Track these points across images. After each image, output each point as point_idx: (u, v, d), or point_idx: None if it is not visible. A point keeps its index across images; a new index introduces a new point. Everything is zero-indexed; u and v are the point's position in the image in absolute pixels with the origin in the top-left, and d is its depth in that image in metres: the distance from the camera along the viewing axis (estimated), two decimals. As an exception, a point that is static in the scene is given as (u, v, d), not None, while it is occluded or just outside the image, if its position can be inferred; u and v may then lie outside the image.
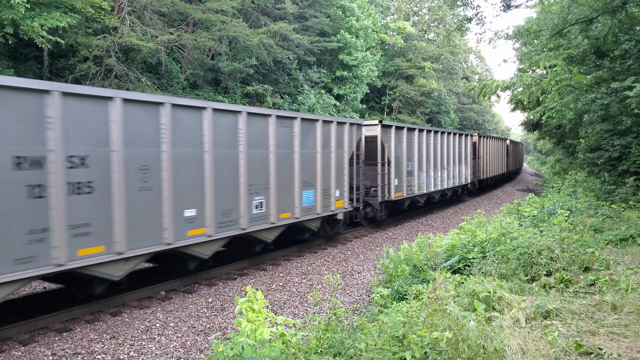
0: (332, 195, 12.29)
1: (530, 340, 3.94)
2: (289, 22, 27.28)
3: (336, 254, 11.92)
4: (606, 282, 5.86)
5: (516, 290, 5.88)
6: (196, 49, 20.98)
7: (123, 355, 6.00)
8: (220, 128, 8.77)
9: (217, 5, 21.07)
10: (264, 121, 9.88)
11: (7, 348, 6.08)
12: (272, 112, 10.07)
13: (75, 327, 6.83)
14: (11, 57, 16.01)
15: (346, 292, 8.91)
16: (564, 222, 8.96)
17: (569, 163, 31.98)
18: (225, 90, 24.28)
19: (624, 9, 11.62)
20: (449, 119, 49.91)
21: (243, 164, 9.31)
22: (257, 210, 9.80)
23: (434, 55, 45.12)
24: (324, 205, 11.96)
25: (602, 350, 3.89)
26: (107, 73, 18.03)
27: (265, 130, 9.92)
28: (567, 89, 10.84)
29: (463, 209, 21.94)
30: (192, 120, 8.25)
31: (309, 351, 3.91)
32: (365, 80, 34.11)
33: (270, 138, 10.01)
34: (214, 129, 8.56)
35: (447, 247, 8.47)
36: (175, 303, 7.98)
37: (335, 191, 12.38)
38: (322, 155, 11.79)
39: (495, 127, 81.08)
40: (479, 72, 67.63)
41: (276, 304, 8.11)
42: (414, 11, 50.23)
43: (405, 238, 14.32)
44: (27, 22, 13.30)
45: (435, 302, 4.42)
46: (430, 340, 3.56)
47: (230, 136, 9.02)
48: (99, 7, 16.53)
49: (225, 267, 9.92)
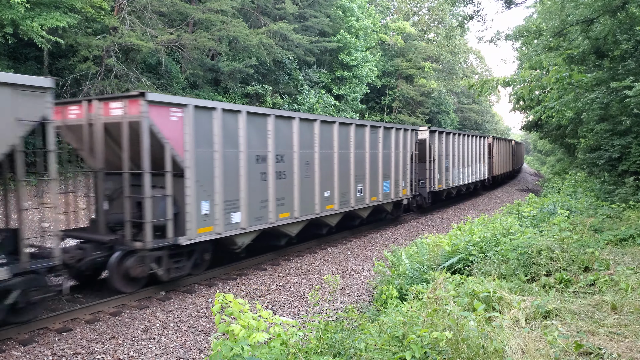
0: (400, 185, 16.00)
1: (530, 340, 3.94)
2: (288, 22, 27.27)
3: (336, 254, 11.92)
4: (606, 282, 5.85)
5: (516, 290, 5.88)
6: (196, 49, 20.97)
7: (123, 355, 6.00)
8: (343, 136, 12.86)
9: (217, 5, 21.06)
10: (362, 130, 13.80)
11: (7, 348, 6.08)
12: (368, 123, 14.17)
13: (75, 327, 6.83)
14: (11, 57, 16.01)
15: (346, 292, 8.91)
16: (564, 222, 8.94)
17: (569, 163, 31.98)
18: (225, 90, 24.28)
19: (624, 9, 11.63)
20: (448, 119, 49.87)
21: (352, 161, 13.22)
22: (358, 194, 13.64)
23: (434, 55, 45.09)
24: (395, 192, 15.74)
25: (602, 350, 3.89)
26: (107, 73, 18.03)
27: (363, 137, 13.82)
28: (567, 87, 10.84)
29: (471, 205, 21.94)
30: (328, 131, 12.28)
31: (309, 351, 3.90)
32: (365, 80, 34.09)
33: (366, 142, 13.90)
34: (339, 136, 12.62)
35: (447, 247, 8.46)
36: (175, 303, 7.98)
37: (402, 182, 16.11)
38: (395, 154, 15.59)
39: (495, 127, 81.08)
40: (479, 72, 67.58)
41: (276, 304, 8.11)
42: (414, 11, 50.22)
43: (405, 238, 14.32)
44: (26, 22, 13.30)
45: (435, 302, 4.41)
46: (430, 340, 3.55)
47: (345, 141, 13.01)
48: (98, 7, 16.53)
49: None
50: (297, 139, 10.96)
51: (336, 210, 12.48)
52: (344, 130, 12.88)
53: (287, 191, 10.74)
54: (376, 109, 42.01)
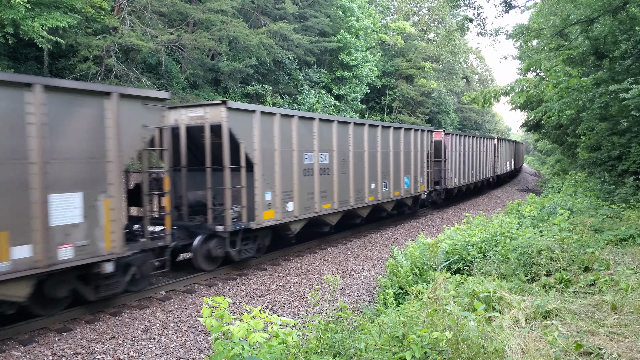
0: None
1: (530, 340, 3.94)
2: (289, 22, 27.28)
3: (336, 254, 11.92)
4: (606, 282, 5.85)
5: (516, 290, 5.88)
6: (196, 49, 20.97)
7: (123, 355, 6.00)
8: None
9: (217, 5, 21.06)
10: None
11: (7, 348, 6.08)
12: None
13: (75, 327, 6.83)
14: (11, 57, 16.01)
15: (346, 292, 8.91)
16: (564, 222, 8.94)
17: (569, 163, 31.96)
18: (225, 90, 24.28)
19: (624, 9, 11.62)
20: (448, 119, 49.86)
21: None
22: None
23: (434, 55, 45.09)
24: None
25: (602, 350, 3.89)
26: (107, 73, 18.04)
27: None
28: (565, 91, 10.85)
29: (471, 205, 21.94)
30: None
31: (309, 351, 3.90)
32: (365, 80, 34.09)
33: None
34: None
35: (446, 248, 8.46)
36: (175, 303, 7.98)
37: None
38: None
39: (495, 127, 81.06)
40: (479, 72, 67.62)
41: (276, 304, 8.11)
42: (414, 11, 50.21)
43: (405, 238, 14.32)
44: (27, 22, 13.31)
45: (435, 302, 4.42)
46: (430, 340, 3.55)
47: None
48: (99, 7, 16.53)
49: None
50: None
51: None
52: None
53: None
54: (376, 109, 42.00)
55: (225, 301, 3.36)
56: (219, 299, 3.35)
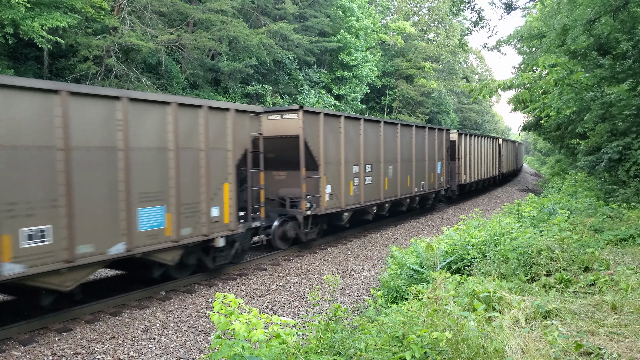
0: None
1: (530, 340, 3.94)
2: (289, 22, 27.28)
3: (336, 254, 11.92)
4: (606, 282, 5.85)
5: (516, 290, 5.87)
6: (196, 49, 20.97)
7: (123, 355, 6.00)
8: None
9: (217, 5, 21.06)
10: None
11: (7, 348, 6.08)
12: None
13: (75, 327, 6.83)
14: (11, 57, 16.01)
15: (346, 292, 8.91)
16: (564, 222, 8.94)
17: (569, 163, 31.95)
18: (225, 90, 24.28)
19: (625, 9, 11.60)
20: (449, 119, 49.87)
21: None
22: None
23: (434, 55, 45.09)
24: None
25: (602, 350, 3.89)
26: (107, 73, 18.03)
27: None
28: (566, 88, 10.81)
29: (471, 205, 21.94)
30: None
31: (309, 351, 3.90)
32: (365, 80, 34.08)
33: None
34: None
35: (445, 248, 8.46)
36: (175, 303, 7.98)
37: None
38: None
39: (495, 127, 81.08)
40: (479, 72, 67.57)
41: (276, 304, 8.11)
42: (414, 11, 50.20)
43: (405, 238, 14.32)
44: (27, 22, 13.30)
45: (435, 302, 4.41)
46: (430, 340, 3.55)
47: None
48: (99, 7, 16.52)
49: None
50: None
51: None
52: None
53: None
54: (376, 109, 42.00)
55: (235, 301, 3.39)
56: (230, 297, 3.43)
